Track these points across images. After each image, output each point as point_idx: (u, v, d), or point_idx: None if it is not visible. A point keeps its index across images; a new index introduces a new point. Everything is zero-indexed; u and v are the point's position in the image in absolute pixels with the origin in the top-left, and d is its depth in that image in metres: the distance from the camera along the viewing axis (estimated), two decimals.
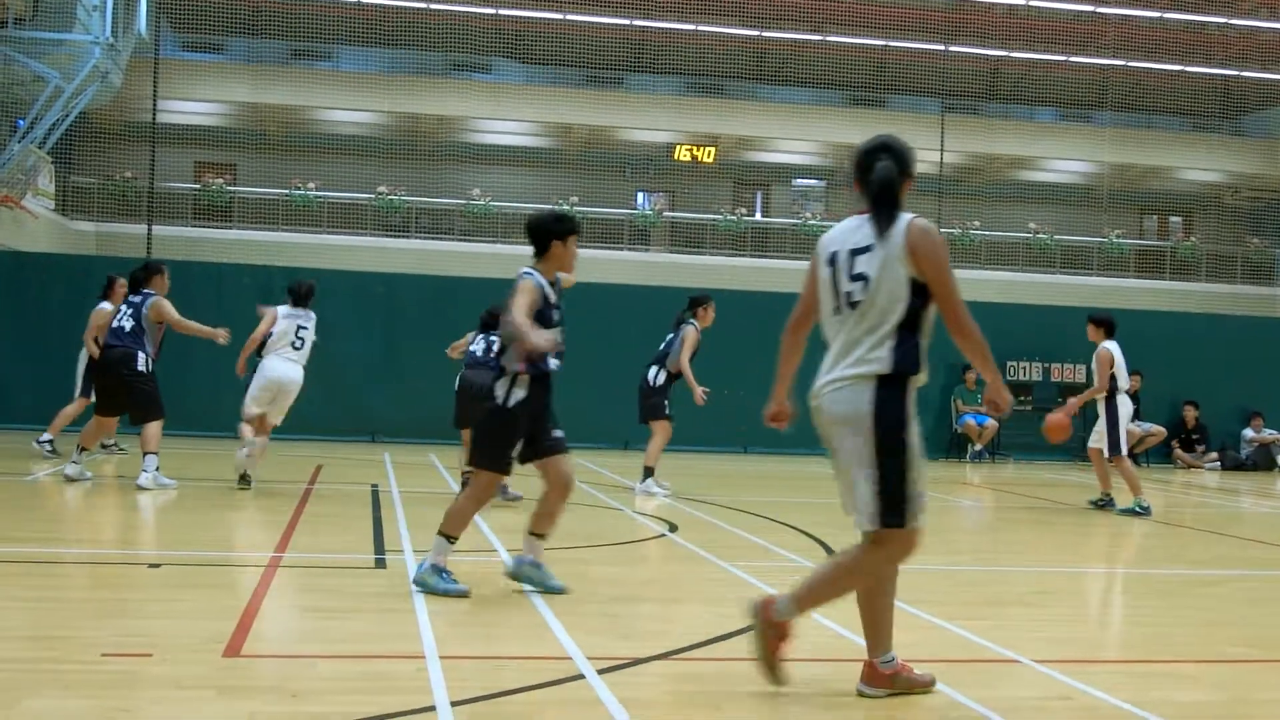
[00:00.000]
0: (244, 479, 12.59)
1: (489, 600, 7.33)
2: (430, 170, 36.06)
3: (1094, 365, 13.56)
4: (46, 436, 15.57)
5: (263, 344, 12.66)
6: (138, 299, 12.79)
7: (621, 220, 36.44)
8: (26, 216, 25.67)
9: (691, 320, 13.83)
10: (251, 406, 12.77)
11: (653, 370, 13.99)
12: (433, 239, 34.20)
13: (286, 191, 33.68)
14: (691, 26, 36.34)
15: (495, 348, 11.02)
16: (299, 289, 12.86)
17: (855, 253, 5.22)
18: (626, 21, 35.97)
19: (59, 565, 8.10)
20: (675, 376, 13.87)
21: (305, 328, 12.70)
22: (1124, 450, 13.62)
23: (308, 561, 8.35)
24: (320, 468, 15.24)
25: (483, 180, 35.84)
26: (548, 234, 7.41)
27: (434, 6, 34.46)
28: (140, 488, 12.10)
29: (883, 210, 5.21)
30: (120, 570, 7.88)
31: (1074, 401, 13.42)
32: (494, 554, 8.85)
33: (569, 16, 35.67)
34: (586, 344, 20.25)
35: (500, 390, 7.25)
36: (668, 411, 13.84)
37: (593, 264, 32.22)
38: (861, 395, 5.12)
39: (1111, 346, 13.49)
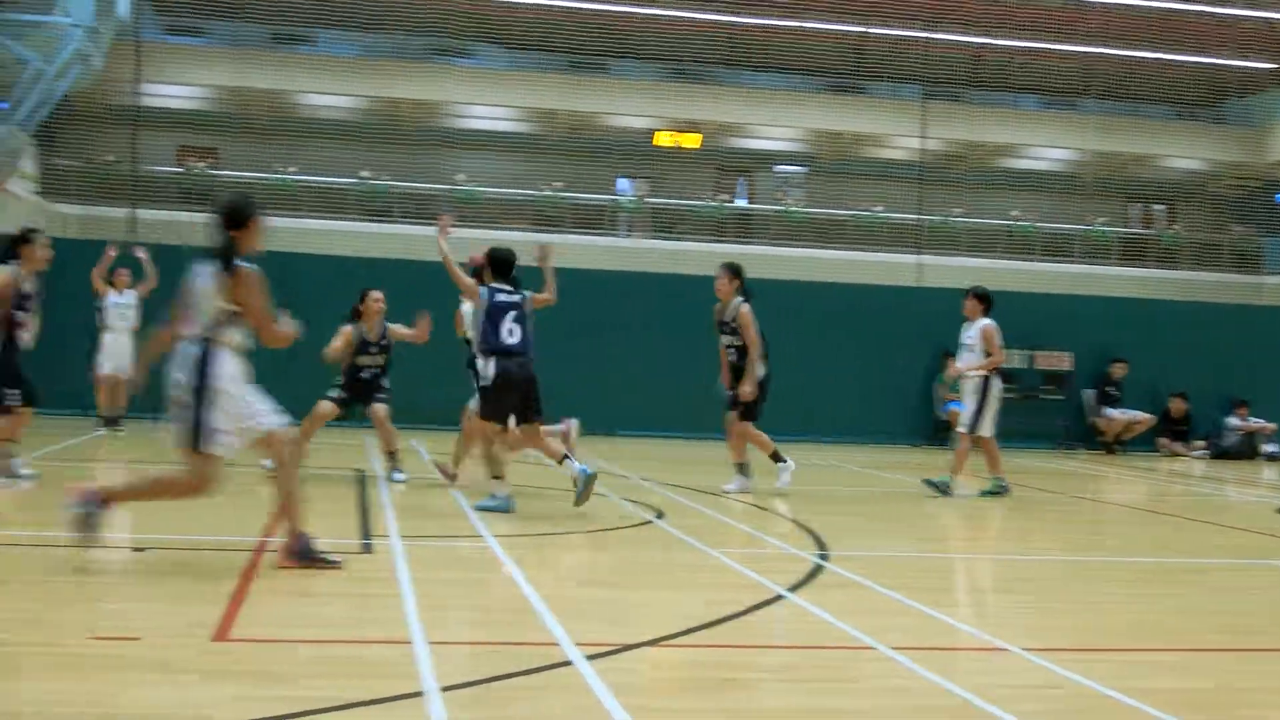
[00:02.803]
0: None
1: (475, 585, 7.31)
2: (413, 155, 35.95)
3: (978, 339, 13.20)
4: None
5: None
6: None
7: (604, 206, 36.40)
8: (8, 199, 25.54)
9: None
10: None
11: None
12: (417, 224, 34.12)
13: (268, 176, 33.55)
14: (673, 13, 36.25)
15: None
16: None
17: None
18: (608, 7, 35.87)
19: (47, 550, 8.05)
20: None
21: None
22: (991, 430, 13.43)
23: None
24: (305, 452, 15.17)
25: (467, 165, 35.75)
26: None
27: None
28: None
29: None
30: (106, 555, 7.84)
31: (962, 368, 13.39)
32: (480, 539, 8.84)
33: (551, 2, 35.56)
34: (571, 330, 20.35)
35: None
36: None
37: (574, 250, 32.33)
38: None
39: (993, 322, 13.32)
